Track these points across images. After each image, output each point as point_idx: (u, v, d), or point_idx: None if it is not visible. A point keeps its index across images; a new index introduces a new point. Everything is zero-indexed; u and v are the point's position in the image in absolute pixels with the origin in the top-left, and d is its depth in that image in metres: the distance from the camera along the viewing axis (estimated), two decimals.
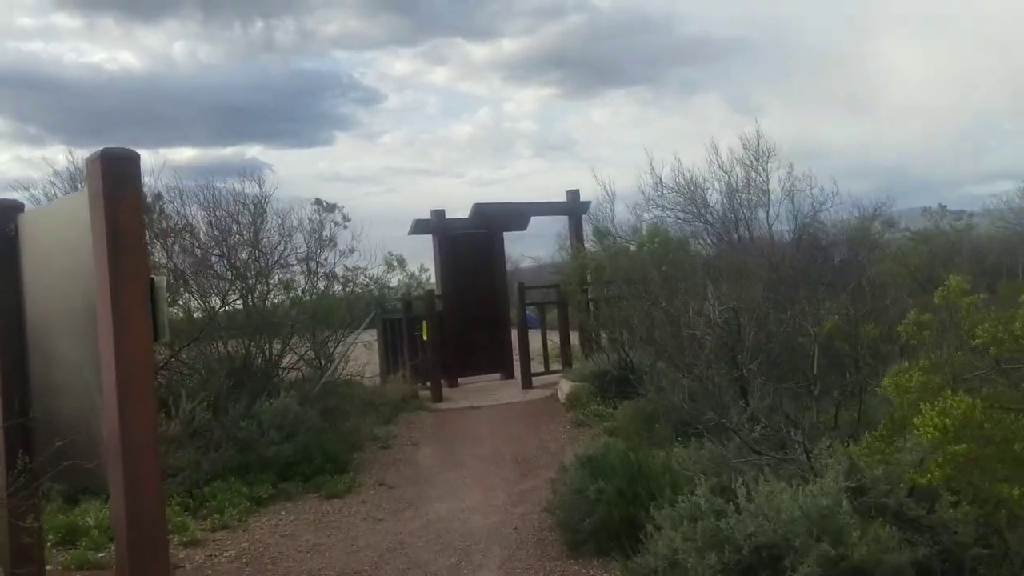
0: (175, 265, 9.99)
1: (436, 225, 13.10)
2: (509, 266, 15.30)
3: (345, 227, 11.83)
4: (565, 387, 10.56)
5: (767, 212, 14.35)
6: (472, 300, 13.27)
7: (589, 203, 14.45)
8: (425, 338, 11.54)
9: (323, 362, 11.47)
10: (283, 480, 7.64)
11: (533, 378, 12.12)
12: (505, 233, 13.90)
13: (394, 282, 11.98)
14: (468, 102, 66.19)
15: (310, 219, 11.69)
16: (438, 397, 11.41)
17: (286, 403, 8.26)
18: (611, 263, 10.19)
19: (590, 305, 11.07)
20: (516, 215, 13.83)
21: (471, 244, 13.46)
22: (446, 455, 8.65)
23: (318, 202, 11.80)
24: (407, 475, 7.92)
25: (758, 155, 14.93)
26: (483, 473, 7.78)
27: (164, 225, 10.25)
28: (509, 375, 13.50)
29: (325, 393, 10.63)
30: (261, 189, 10.92)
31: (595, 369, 10.32)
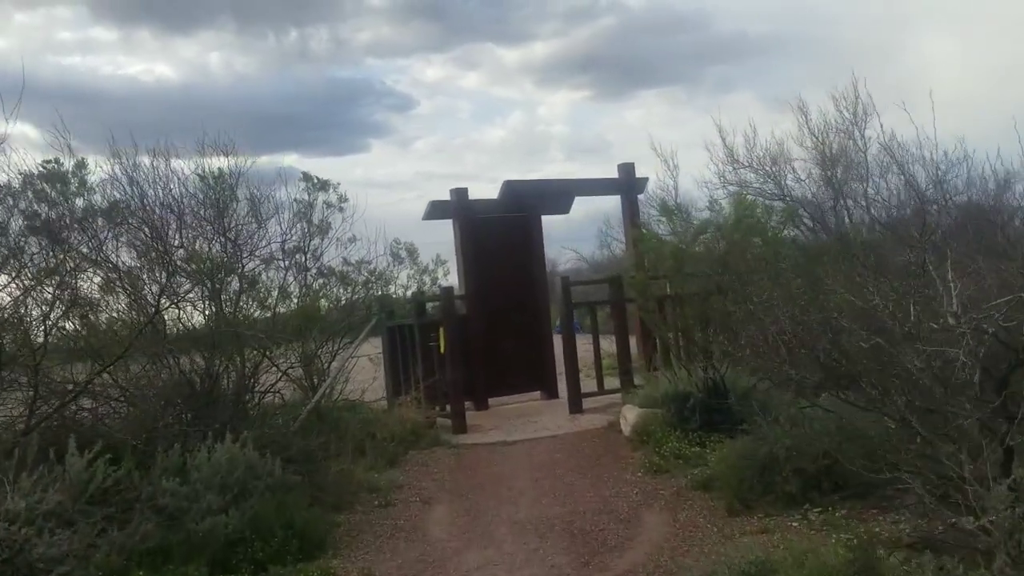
0: (106, 259, 7.46)
1: (457, 207, 10.47)
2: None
3: (341, 209, 9.30)
4: (630, 415, 7.86)
5: (866, 185, 11.59)
6: (503, 300, 10.62)
7: (647, 180, 11.74)
8: (443, 350, 8.91)
9: (314, 381, 8.91)
10: (222, 571, 5.06)
11: (584, 399, 9.43)
12: (544, 218, 11.23)
13: (402, 278, 9.42)
14: (500, 106, 63.78)
15: (296, 200, 9.15)
16: (460, 427, 8.75)
17: (233, 450, 5.65)
18: (694, 248, 7.48)
19: (663, 304, 8.32)
20: (556, 194, 11.15)
21: (501, 230, 10.81)
22: (469, 521, 6.00)
23: (306, 177, 9.25)
24: (410, 558, 5.29)
25: (855, 117, 12.19)
26: (523, 556, 5.12)
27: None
28: (551, 394, 10.82)
29: (313, 424, 8.07)
30: (228, 159, 8.40)
31: (671, 391, 7.61)
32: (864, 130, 12.03)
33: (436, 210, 10.46)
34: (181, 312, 7.84)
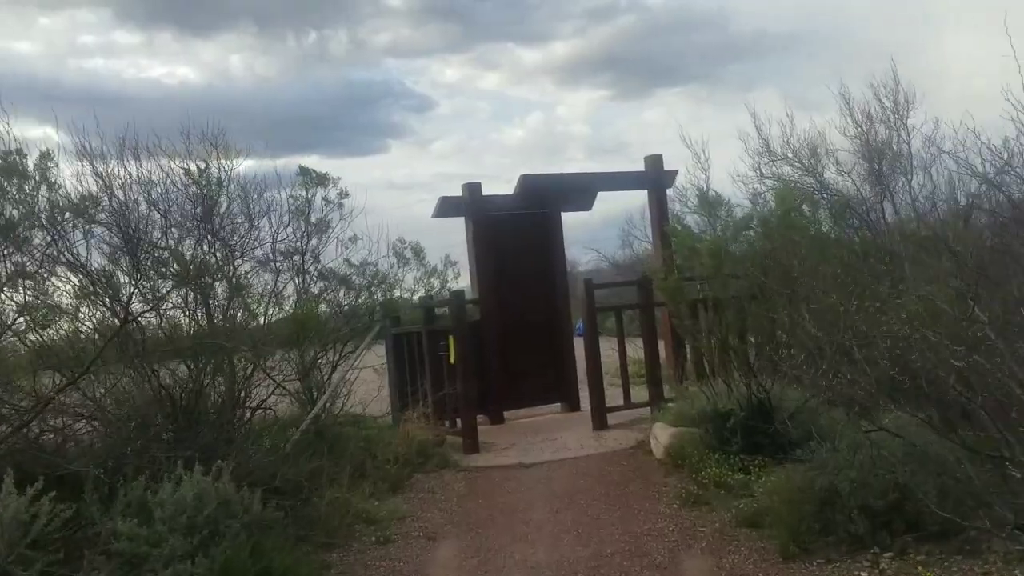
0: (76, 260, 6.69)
1: (470, 204, 9.65)
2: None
3: (340, 206, 8.51)
4: (662, 435, 6.99)
5: (909, 178, 10.65)
6: (520, 304, 9.80)
7: (675, 173, 10.86)
8: (452, 360, 8.09)
9: (313, 394, 8.12)
10: None
11: (608, 413, 8.57)
12: (564, 216, 10.40)
13: (408, 281, 8.59)
14: (520, 107, 63.23)
15: (292, 195, 8.37)
16: (472, 446, 7.91)
17: (203, 484, 4.84)
18: (734, 247, 6.59)
19: (697, 309, 7.43)
20: (577, 189, 10.31)
21: (518, 229, 9.98)
22: (478, 564, 5.16)
23: (303, 172, 8.47)
24: None
25: (897, 106, 11.26)
26: None
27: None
28: (572, 406, 9.98)
29: (310, 443, 7.29)
30: (216, 149, 7.62)
31: (710, 408, 6.73)
32: (907, 120, 11.14)
33: (447, 207, 9.65)
34: (163, 319, 7.10)
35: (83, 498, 4.84)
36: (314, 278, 8.41)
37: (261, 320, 7.73)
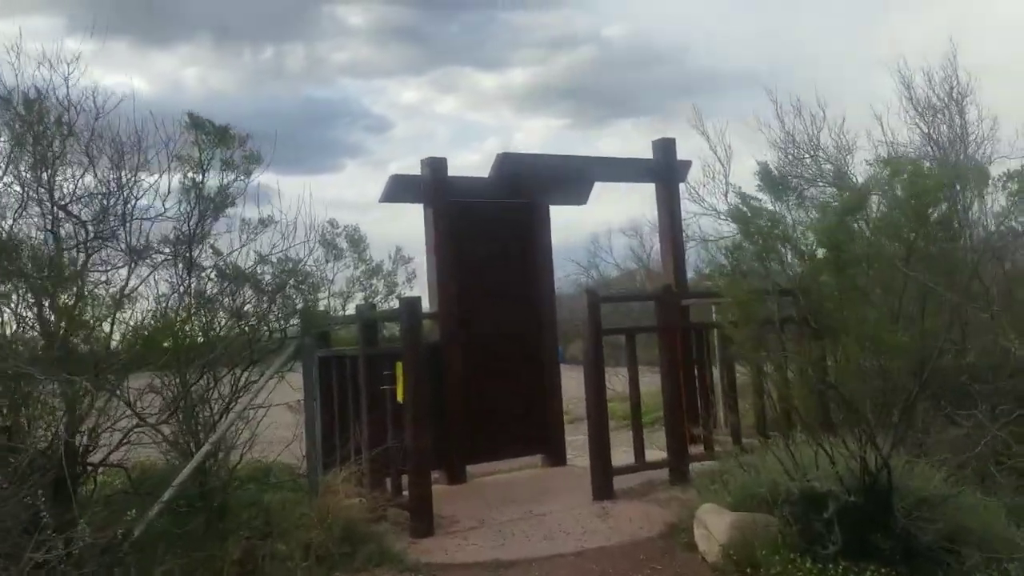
0: None
1: (431, 186, 7.22)
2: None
3: (247, 174, 6.12)
4: (716, 522, 4.59)
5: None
6: (493, 322, 7.39)
7: (689, 164, 8.64)
8: (400, 396, 5.60)
9: (196, 440, 5.60)
10: None
11: (616, 476, 6.15)
12: (553, 209, 8.03)
13: (339, 282, 6.07)
14: (477, 131, 61.43)
15: (178, 157, 5.92)
16: (423, 526, 5.40)
17: None
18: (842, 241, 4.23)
19: (774, 331, 4.96)
20: (570, 177, 7.94)
21: (494, 222, 7.59)
22: None
23: (194, 122, 6.03)
24: None
25: (951, 95, 9.26)
26: None
27: None
28: (556, 458, 7.56)
29: (187, 514, 4.86)
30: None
31: (796, 484, 4.35)
32: (964, 107, 9.12)
33: (399, 188, 7.20)
34: None
35: None
36: (205, 276, 5.88)
37: (114, 334, 5.19)
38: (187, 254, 5.80)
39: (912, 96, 8.95)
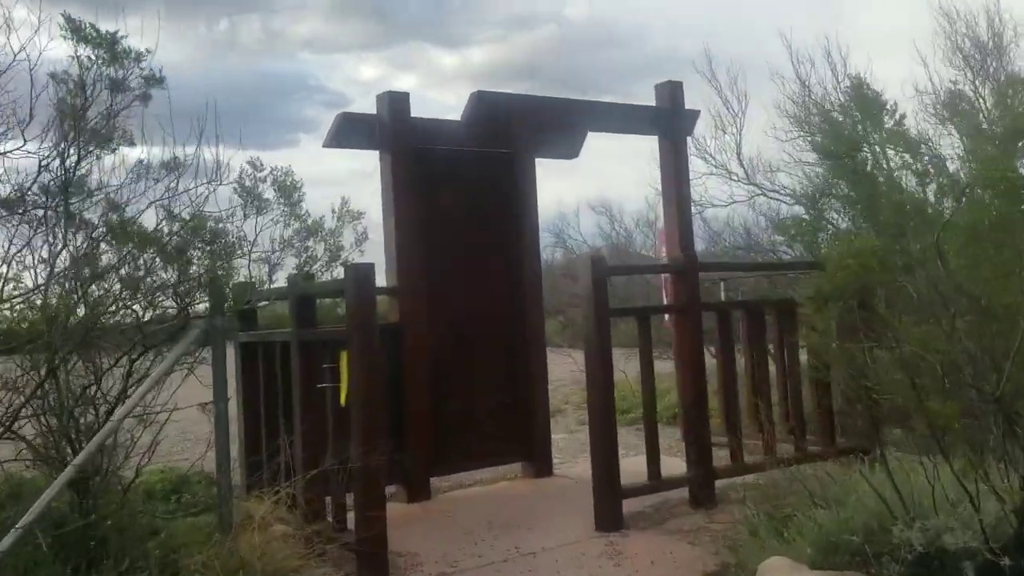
0: None
1: (390, 128, 5.73)
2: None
3: (146, 97, 4.64)
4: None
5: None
6: (465, 300, 5.97)
7: (697, 114, 7.31)
8: (344, 398, 4.16)
9: (76, 446, 4.16)
10: None
11: (627, 499, 4.77)
12: (539, 162, 6.61)
13: (263, 242, 4.55)
14: (436, 110, 59.56)
15: (50, 76, 4.41)
16: (375, 567, 3.98)
17: None
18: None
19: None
20: (559, 123, 6.51)
21: (467, 176, 6.14)
22: None
23: (71, 26, 4.51)
24: None
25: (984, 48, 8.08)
26: None
27: None
28: (541, 467, 6.18)
29: (67, 546, 3.39)
30: None
31: (915, 541, 3.01)
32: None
33: (348, 129, 5.70)
34: None
35: None
36: (86, 230, 4.35)
37: None
38: (56, 204, 4.29)
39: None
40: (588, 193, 35.09)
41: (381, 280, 5.63)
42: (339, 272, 4.64)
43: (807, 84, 7.88)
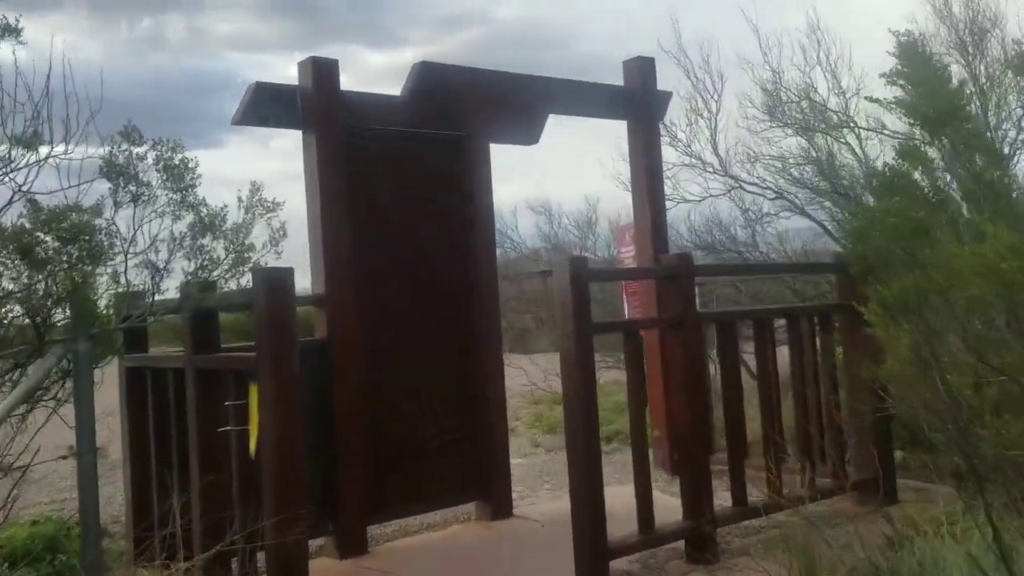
0: None
1: (315, 103, 4.70)
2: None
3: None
4: None
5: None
6: (407, 311, 4.97)
7: (670, 96, 6.50)
8: (253, 447, 3.16)
9: None
10: None
11: (615, 560, 3.85)
12: (494, 147, 5.63)
13: (144, 242, 3.50)
14: None
15: None
16: None
17: None
18: None
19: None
20: (516, 102, 5.56)
21: (409, 161, 5.14)
22: None
23: None
24: None
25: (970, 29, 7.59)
26: None
27: None
28: (499, 507, 5.22)
29: None
30: None
31: None
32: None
33: (266, 101, 4.65)
34: None
35: None
36: None
37: None
38: None
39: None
40: (525, 192, 34.18)
41: (305, 287, 4.62)
42: (248, 279, 3.59)
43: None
